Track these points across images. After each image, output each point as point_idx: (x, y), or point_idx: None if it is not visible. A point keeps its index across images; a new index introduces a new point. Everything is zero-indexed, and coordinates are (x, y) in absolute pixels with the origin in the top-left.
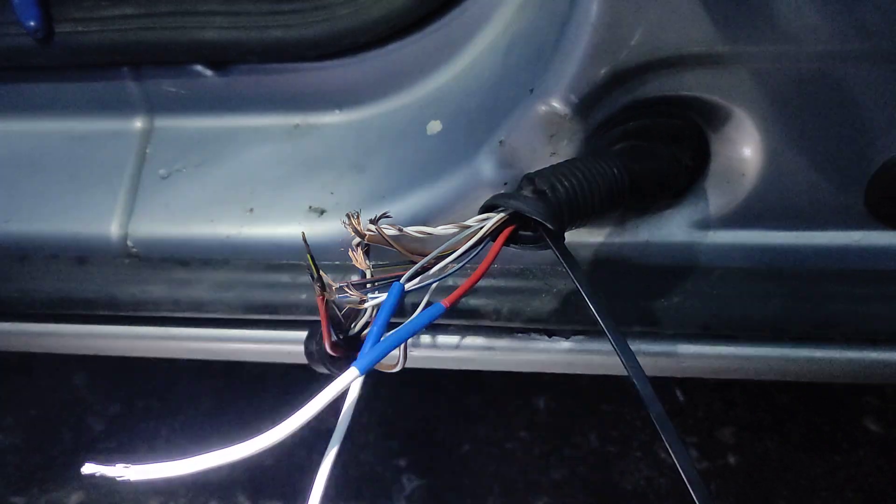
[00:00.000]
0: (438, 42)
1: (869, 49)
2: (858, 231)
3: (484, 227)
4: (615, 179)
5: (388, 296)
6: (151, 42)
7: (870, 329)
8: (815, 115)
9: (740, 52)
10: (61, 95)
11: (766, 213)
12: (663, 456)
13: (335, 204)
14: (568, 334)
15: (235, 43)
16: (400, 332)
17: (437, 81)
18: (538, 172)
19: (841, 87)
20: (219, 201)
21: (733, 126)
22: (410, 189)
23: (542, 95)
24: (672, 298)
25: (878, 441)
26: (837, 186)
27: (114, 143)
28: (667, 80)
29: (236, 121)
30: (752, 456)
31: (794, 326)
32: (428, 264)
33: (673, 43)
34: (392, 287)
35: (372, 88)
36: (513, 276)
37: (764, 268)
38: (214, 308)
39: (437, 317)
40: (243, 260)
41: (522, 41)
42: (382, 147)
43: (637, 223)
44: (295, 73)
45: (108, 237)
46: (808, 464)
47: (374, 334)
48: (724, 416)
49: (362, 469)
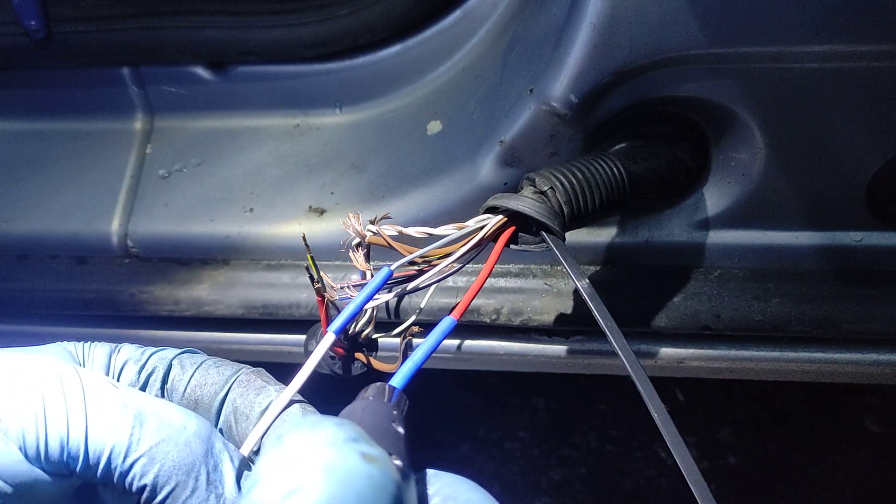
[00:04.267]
0: (438, 42)
1: (869, 49)
2: (858, 231)
3: (484, 228)
4: (615, 179)
5: (376, 276)
6: (151, 42)
7: (870, 329)
8: (815, 116)
9: (740, 53)
10: (61, 95)
11: (766, 213)
12: (663, 456)
13: (335, 204)
14: (568, 334)
15: (235, 43)
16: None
17: (437, 81)
18: (538, 172)
19: (841, 87)
20: (219, 201)
21: (733, 126)
22: (410, 189)
23: (541, 95)
24: (672, 298)
25: (878, 441)
26: (837, 186)
27: (114, 143)
28: (667, 80)
29: (236, 121)
30: (752, 456)
31: (794, 326)
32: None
33: (673, 43)
34: (382, 270)
35: (372, 88)
36: (513, 276)
37: (764, 268)
38: (214, 308)
39: (450, 331)
40: (243, 260)
41: (522, 41)
42: (382, 147)
43: (637, 223)
44: (295, 73)
45: (109, 237)
46: (808, 464)
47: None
48: (724, 416)
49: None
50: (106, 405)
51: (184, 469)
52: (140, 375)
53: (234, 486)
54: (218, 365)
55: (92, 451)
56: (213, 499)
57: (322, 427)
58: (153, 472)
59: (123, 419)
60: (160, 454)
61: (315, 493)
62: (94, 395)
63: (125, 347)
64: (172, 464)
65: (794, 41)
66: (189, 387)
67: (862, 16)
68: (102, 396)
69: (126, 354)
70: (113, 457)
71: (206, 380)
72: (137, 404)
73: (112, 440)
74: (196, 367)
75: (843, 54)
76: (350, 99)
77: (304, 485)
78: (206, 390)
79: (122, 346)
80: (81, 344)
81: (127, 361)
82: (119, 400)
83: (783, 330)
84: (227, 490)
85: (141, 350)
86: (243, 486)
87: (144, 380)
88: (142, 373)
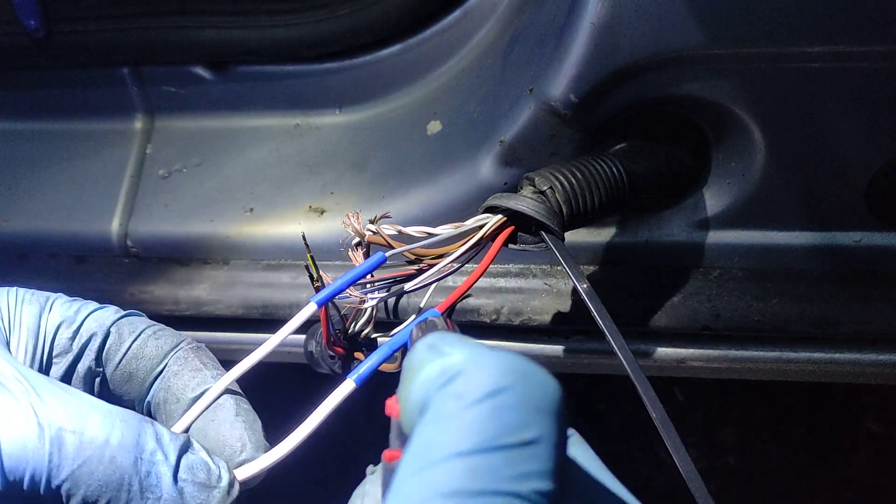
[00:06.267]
0: (438, 42)
1: (869, 49)
2: (858, 231)
3: (484, 227)
4: (615, 179)
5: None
6: (151, 42)
7: (870, 329)
8: (815, 116)
9: (740, 53)
10: (61, 95)
11: (766, 213)
12: (663, 456)
13: (335, 204)
14: (567, 334)
15: (235, 43)
16: (393, 340)
17: (437, 81)
18: (538, 172)
19: (841, 87)
20: (219, 201)
21: (733, 126)
22: (410, 189)
23: (542, 95)
24: (672, 298)
25: (879, 441)
26: (837, 186)
27: (114, 144)
28: (667, 80)
29: (236, 121)
30: (751, 456)
31: (794, 326)
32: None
33: (673, 43)
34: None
35: (372, 88)
36: (513, 276)
37: (764, 268)
38: (214, 308)
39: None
40: (243, 260)
41: (522, 41)
42: (382, 147)
43: (637, 223)
44: (295, 73)
45: (109, 236)
46: (808, 464)
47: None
48: (723, 417)
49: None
50: (20, 425)
51: (112, 486)
52: (74, 342)
53: (171, 486)
54: (157, 336)
55: (10, 477)
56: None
57: (476, 342)
58: (80, 494)
59: (40, 443)
60: (84, 476)
61: (515, 394)
62: (4, 412)
63: (57, 305)
64: (99, 483)
65: (794, 41)
66: (125, 359)
67: (862, 16)
68: (15, 412)
69: (59, 315)
70: (35, 481)
71: (144, 352)
72: (54, 423)
73: (31, 467)
74: (134, 338)
75: (843, 54)
76: (350, 99)
77: (507, 385)
78: (142, 364)
79: (55, 301)
80: (4, 292)
81: (60, 325)
82: (33, 417)
83: (783, 330)
84: (164, 490)
85: (76, 308)
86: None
87: (79, 349)
88: (76, 339)
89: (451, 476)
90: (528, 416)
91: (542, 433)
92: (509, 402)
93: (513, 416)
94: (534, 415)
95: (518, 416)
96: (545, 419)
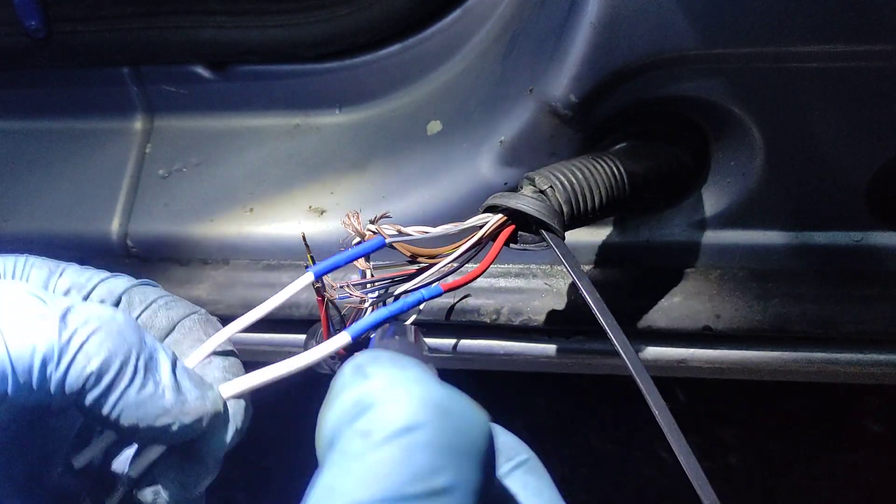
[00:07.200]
0: (438, 42)
1: (869, 49)
2: (858, 231)
3: (484, 227)
4: (615, 179)
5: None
6: (151, 42)
7: (870, 329)
8: (814, 115)
9: (740, 53)
10: (61, 95)
11: (766, 213)
12: (664, 455)
13: (335, 204)
14: (568, 334)
15: (235, 43)
16: (394, 305)
17: (437, 81)
18: (538, 172)
19: (841, 87)
20: (218, 201)
21: (733, 126)
22: (410, 189)
23: (541, 95)
24: (672, 298)
25: (879, 441)
26: (837, 186)
27: (114, 143)
28: (667, 80)
29: (236, 121)
30: (753, 456)
31: (794, 326)
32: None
33: (673, 43)
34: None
35: (372, 88)
36: (513, 276)
37: (764, 268)
38: (214, 308)
39: (433, 297)
40: (243, 260)
41: (522, 41)
42: (382, 147)
43: (637, 223)
44: (295, 73)
45: (109, 236)
46: (809, 464)
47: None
48: (725, 416)
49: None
50: (28, 312)
51: (121, 354)
52: None
53: (170, 375)
54: (169, 307)
55: (20, 367)
56: (153, 385)
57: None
58: (89, 367)
59: (46, 322)
60: (93, 347)
61: (430, 432)
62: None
63: (69, 272)
64: (108, 353)
65: (793, 41)
66: None
67: (861, 16)
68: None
69: (69, 280)
70: (47, 363)
71: (154, 322)
72: (59, 303)
73: (43, 346)
74: (145, 307)
75: (843, 54)
76: (350, 99)
77: (421, 421)
78: (152, 334)
79: (67, 268)
80: (14, 258)
81: (70, 290)
82: (37, 304)
83: (783, 330)
84: (163, 378)
85: (87, 275)
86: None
87: None
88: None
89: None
90: (441, 460)
91: (456, 479)
92: (421, 441)
93: (424, 459)
94: (449, 457)
95: (430, 459)
96: (462, 462)
